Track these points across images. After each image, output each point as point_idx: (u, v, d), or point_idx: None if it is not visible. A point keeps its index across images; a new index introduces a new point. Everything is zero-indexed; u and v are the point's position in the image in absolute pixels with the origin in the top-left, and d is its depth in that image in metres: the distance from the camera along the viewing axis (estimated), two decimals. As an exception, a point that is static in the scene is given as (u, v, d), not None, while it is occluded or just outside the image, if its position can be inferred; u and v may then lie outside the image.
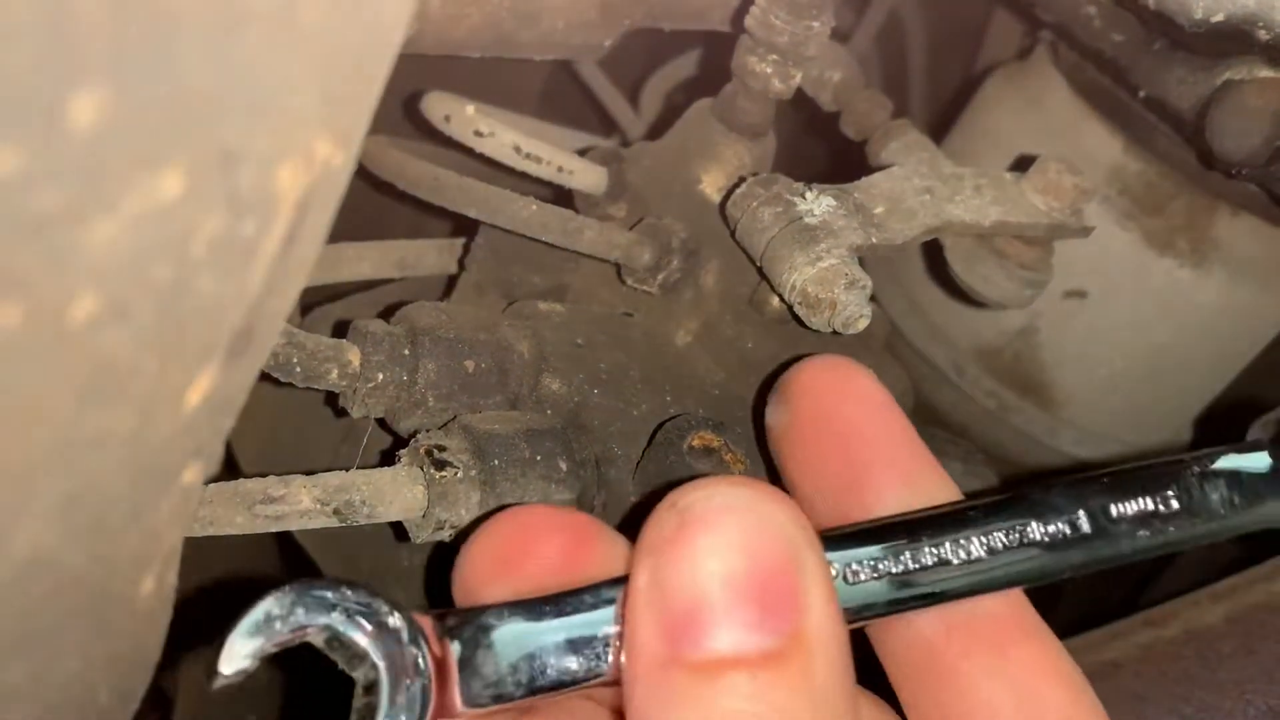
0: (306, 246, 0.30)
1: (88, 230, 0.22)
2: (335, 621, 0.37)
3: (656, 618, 0.36)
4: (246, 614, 0.37)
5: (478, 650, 0.38)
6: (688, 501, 0.37)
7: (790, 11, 0.61)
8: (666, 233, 0.63)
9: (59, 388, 0.24)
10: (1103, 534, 0.43)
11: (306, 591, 0.37)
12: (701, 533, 0.36)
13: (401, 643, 0.37)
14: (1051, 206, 0.66)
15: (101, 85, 0.20)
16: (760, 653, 0.35)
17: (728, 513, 0.36)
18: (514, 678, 0.38)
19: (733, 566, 0.35)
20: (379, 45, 0.28)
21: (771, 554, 0.36)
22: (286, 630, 0.37)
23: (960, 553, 0.42)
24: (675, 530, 0.36)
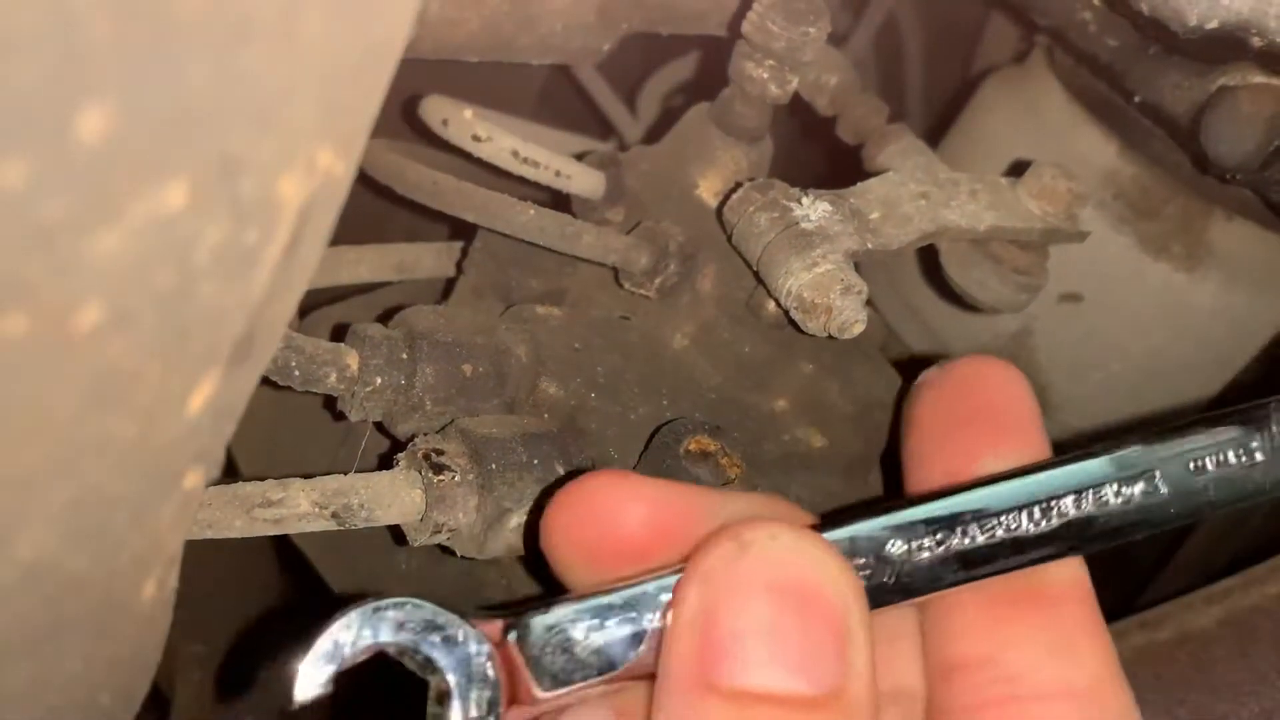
0: (307, 254, 0.30)
1: (93, 240, 0.22)
2: (404, 640, 0.38)
3: (698, 640, 0.36)
4: (317, 641, 0.37)
5: (545, 647, 0.39)
6: (752, 537, 0.37)
7: (787, 17, 0.61)
8: (664, 237, 0.64)
9: (63, 395, 0.24)
10: (1183, 492, 0.42)
11: (373, 613, 0.38)
12: (762, 568, 0.37)
13: (470, 654, 0.38)
14: (1046, 211, 0.66)
15: (108, 99, 0.21)
16: (796, 696, 0.35)
17: (791, 554, 0.37)
18: (580, 669, 0.39)
19: (784, 605, 0.36)
20: (380, 56, 0.28)
21: (825, 602, 0.37)
22: (357, 652, 0.38)
23: (1029, 523, 0.42)
24: (734, 560, 0.37)
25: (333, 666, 0.37)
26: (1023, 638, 0.42)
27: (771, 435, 0.63)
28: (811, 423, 0.65)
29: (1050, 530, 0.42)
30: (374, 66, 0.28)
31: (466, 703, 0.38)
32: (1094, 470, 0.43)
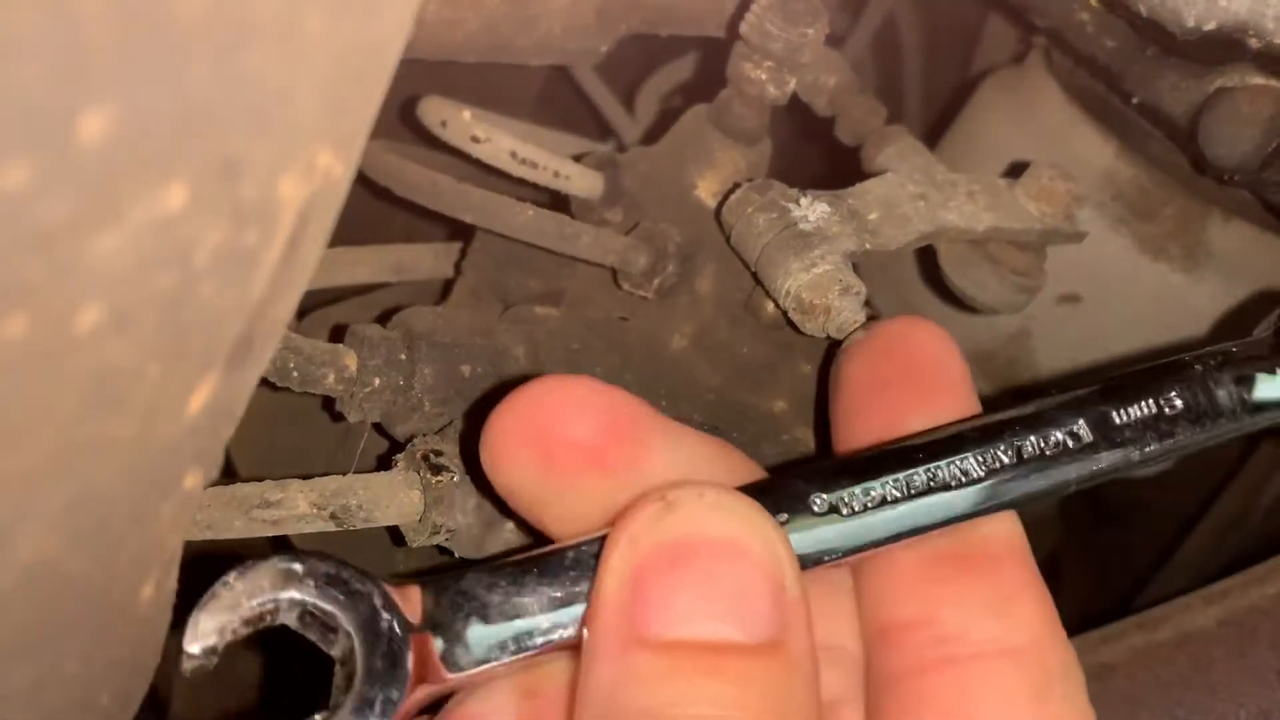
0: (307, 255, 0.30)
1: (93, 242, 0.22)
2: (305, 593, 0.36)
3: (626, 597, 0.36)
4: (211, 591, 0.35)
5: (458, 616, 0.37)
6: (678, 495, 0.37)
7: (785, 18, 0.61)
8: (662, 238, 0.64)
9: (63, 395, 0.24)
10: (1107, 442, 0.42)
11: (271, 564, 0.36)
12: (690, 525, 0.36)
13: (374, 609, 0.36)
14: (1045, 212, 0.66)
15: (110, 101, 0.21)
16: (729, 643, 0.35)
17: (719, 511, 0.37)
18: (497, 643, 0.37)
19: (712, 557, 0.36)
20: (379, 58, 0.29)
21: (757, 558, 0.36)
22: (255, 605, 0.35)
23: (959, 475, 0.41)
24: (660, 518, 0.36)
25: (226, 617, 0.35)
26: (959, 597, 0.41)
27: (770, 436, 0.63)
28: (810, 424, 0.65)
29: (978, 481, 0.41)
30: (373, 67, 0.28)
31: (372, 658, 0.35)
32: (1016, 420, 0.42)
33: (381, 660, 0.36)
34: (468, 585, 0.38)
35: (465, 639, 0.37)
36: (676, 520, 0.36)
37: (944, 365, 0.46)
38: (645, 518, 0.37)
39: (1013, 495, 0.42)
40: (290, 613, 0.36)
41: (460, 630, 0.37)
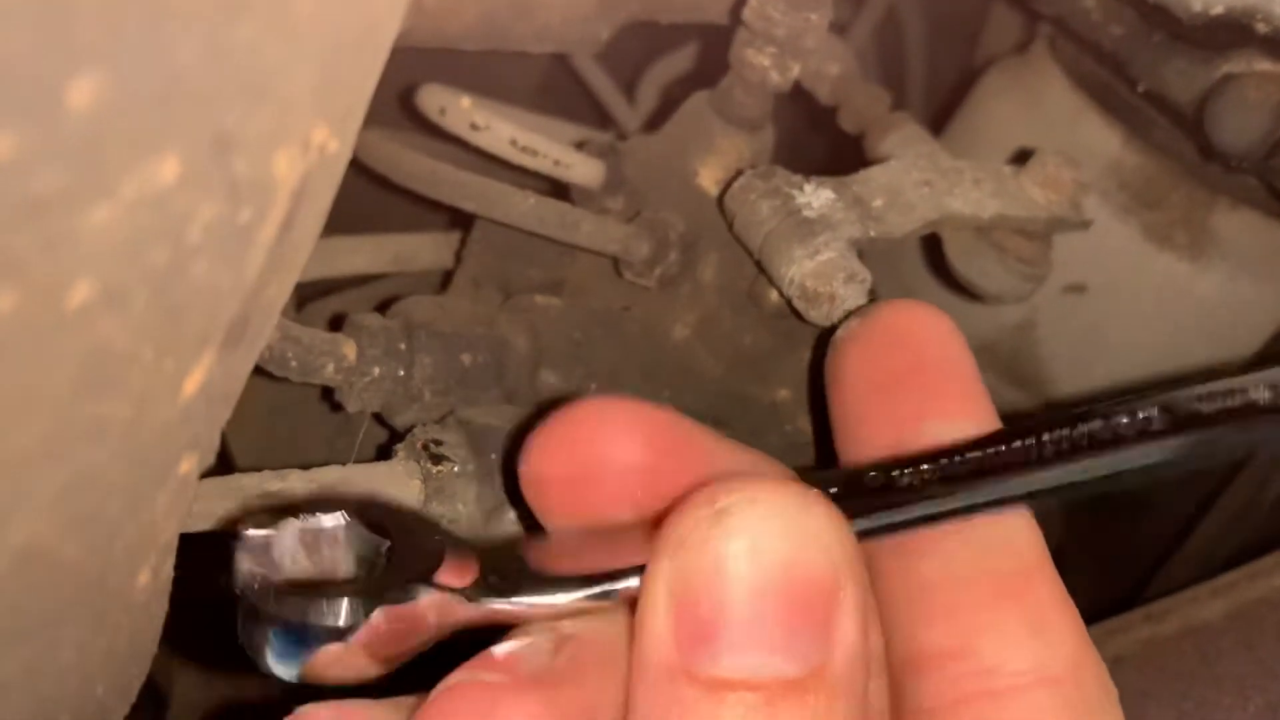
0: (303, 235, 0.30)
1: (84, 215, 0.22)
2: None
3: (672, 621, 0.33)
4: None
5: (502, 559, 0.37)
6: (728, 501, 0.33)
7: (788, 3, 0.60)
8: (664, 226, 0.63)
9: (54, 375, 0.24)
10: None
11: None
12: (737, 537, 0.33)
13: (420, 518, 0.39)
14: (1050, 200, 0.65)
15: (99, 69, 0.20)
16: (778, 680, 0.32)
17: (770, 520, 0.33)
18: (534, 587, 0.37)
19: (766, 580, 0.33)
20: (376, 31, 0.28)
21: (810, 574, 0.33)
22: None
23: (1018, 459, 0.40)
24: (708, 528, 0.33)
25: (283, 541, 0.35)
26: (995, 622, 0.39)
27: (774, 426, 0.62)
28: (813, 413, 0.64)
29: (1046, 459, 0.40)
30: (370, 42, 0.28)
31: (407, 556, 0.36)
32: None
33: (416, 554, 0.36)
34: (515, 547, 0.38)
35: (505, 571, 0.37)
36: (726, 534, 0.33)
37: (950, 357, 0.44)
38: (691, 530, 0.33)
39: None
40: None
41: (503, 568, 0.37)
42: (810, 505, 0.34)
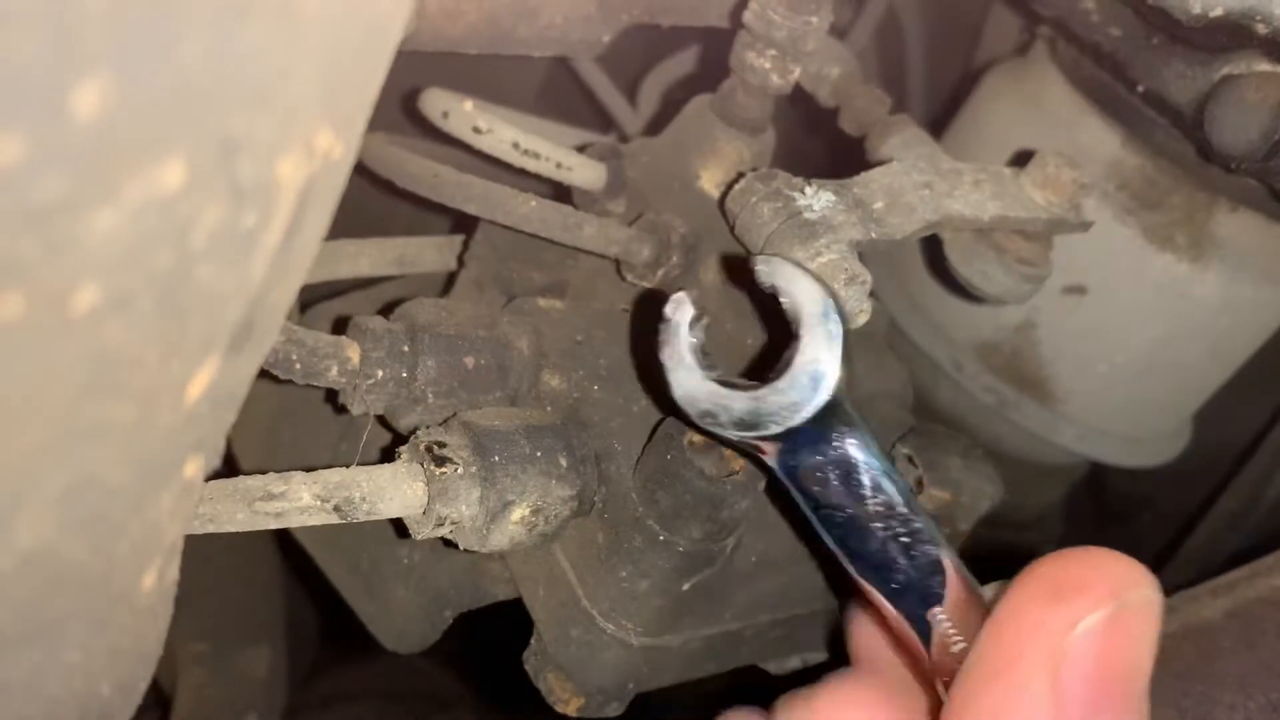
0: (307, 239, 0.30)
1: (90, 220, 0.22)
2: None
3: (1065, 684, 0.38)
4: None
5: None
6: (1131, 598, 0.39)
7: (789, 7, 0.60)
8: (666, 228, 0.63)
9: (60, 378, 0.24)
10: None
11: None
12: (1138, 625, 0.39)
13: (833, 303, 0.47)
14: (1050, 201, 0.66)
15: (104, 75, 0.20)
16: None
17: (1152, 612, 0.39)
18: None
19: (1139, 663, 0.39)
20: (379, 36, 0.28)
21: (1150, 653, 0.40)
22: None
23: None
24: (1113, 616, 0.39)
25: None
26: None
27: (775, 427, 0.62)
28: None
29: None
30: (374, 47, 0.28)
31: (821, 339, 0.46)
32: None
33: (826, 346, 0.46)
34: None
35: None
36: (1126, 623, 0.39)
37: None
38: (1094, 611, 0.39)
39: None
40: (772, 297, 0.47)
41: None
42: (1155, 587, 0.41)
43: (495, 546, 0.52)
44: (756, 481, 0.52)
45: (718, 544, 0.53)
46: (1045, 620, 0.39)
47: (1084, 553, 0.41)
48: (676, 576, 0.53)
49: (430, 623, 0.63)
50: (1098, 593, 0.39)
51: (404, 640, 0.64)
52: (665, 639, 0.55)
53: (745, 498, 0.52)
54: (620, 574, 0.53)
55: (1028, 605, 0.40)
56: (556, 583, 0.56)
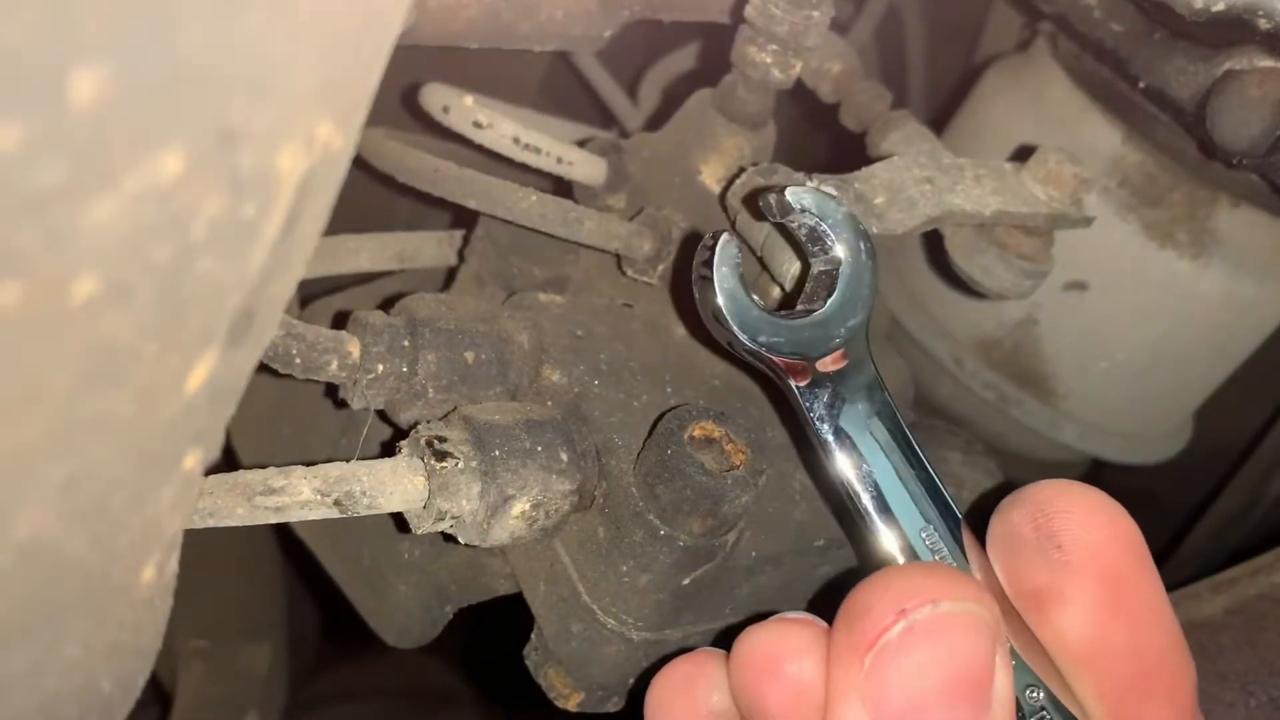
0: (307, 231, 0.30)
1: (88, 208, 0.22)
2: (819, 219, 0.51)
3: (872, 709, 0.38)
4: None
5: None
6: (916, 616, 0.38)
7: (790, 2, 0.60)
8: (666, 223, 0.63)
9: (59, 369, 0.24)
10: None
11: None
12: (925, 644, 0.38)
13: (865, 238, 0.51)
14: (1052, 197, 0.65)
15: (102, 62, 0.20)
16: None
17: (951, 623, 0.39)
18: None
19: (949, 676, 0.38)
20: (379, 27, 0.28)
21: (975, 662, 0.39)
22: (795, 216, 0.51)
23: None
24: (901, 635, 0.38)
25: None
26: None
27: (775, 422, 0.62)
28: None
29: None
30: (373, 37, 0.28)
31: (856, 275, 0.50)
32: None
33: (861, 269, 0.51)
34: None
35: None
36: (915, 641, 0.38)
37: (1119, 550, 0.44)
38: (886, 632, 0.38)
39: None
40: (803, 229, 0.51)
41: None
42: (977, 596, 0.40)
43: (496, 541, 0.52)
44: (756, 477, 0.52)
45: (718, 539, 0.53)
46: (843, 650, 0.39)
47: (880, 574, 0.40)
48: (677, 571, 0.53)
49: (431, 618, 0.63)
50: (879, 614, 0.39)
51: (405, 635, 0.64)
52: (666, 634, 0.55)
53: (745, 493, 0.52)
54: (621, 569, 0.53)
55: (834, 638, 0.40)
56: (557, 577, 0.56)
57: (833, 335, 0.50)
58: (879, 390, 0.51)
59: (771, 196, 0.51)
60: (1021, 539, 0.43)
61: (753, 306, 0.50)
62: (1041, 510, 0.43)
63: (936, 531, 0.48)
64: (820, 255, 0.52)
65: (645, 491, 0.52)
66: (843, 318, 0.51)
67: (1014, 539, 0.43)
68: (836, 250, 0.51)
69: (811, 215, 0.51)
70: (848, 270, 0.51)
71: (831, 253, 0.51)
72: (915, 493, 0.49)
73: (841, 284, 0.51)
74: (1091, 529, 0.42)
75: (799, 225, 0.51)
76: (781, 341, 0.50)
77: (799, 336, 0.50)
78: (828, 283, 0.51)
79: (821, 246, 0.51)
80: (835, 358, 0.50)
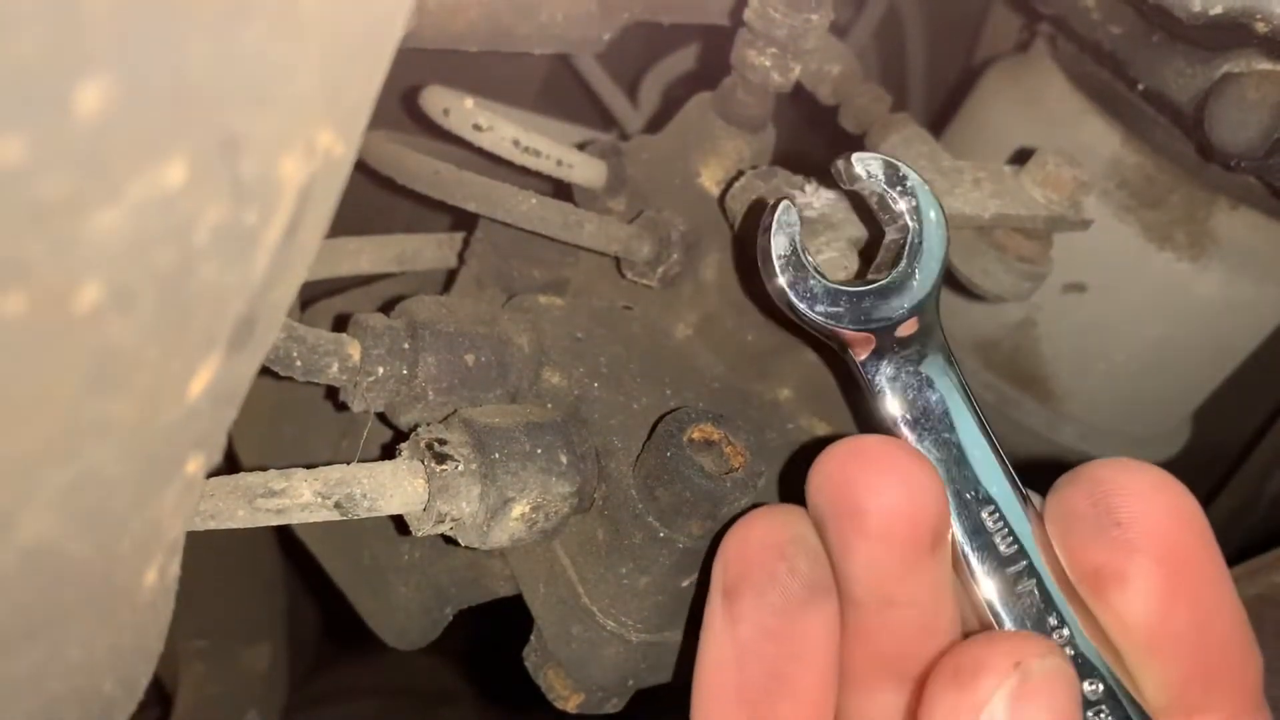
0: (308, 237, 0.30)
1: (92, 218, 0.22)
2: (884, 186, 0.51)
3: None
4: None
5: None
6: (1033, 668, 0.39)
7: (789, 4, 0.61)
8: (666, 226, 0.63)
9: (63, 376, 0.24)
10: None
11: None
12: (1034, 699, 0.39)
13: (932, 206, 0.50)
14: (1050, 199, 0.66)
15: (106, 73, 0.20)
16: None
17: (1058, 676, 0.39)
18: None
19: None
20: (380, 35, 0.28)
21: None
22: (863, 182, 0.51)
23: None
24: (1018, 685, 0.39)
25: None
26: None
27: (775, 424, 0.63)
28: (815, 412, 0.64)
29: None
30: (375, 45, 0.28)
31: (925, 243, 0.50)
32: None
33: (931, 236, 0.50)
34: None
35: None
36: (1030, 692, 0.39)
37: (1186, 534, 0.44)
38: (1000, 684, 0.39)
39: None
40: (874, 196, 0.51)
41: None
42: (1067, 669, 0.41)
43: (495, 543, 0.53)
44: (756, 479, 0.52)
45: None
46: (954, 708, 0.39)
47: (983, 635, 0.41)
48: (676, 573, 0.53)
49: (431, 619, 0.64)
50: (997, 668, 0.39)
51: (404, 637, 0.64)
52: (665, 635, 0.56)
53: (745, 495, 0.52)
54: (620, 570, 0.53)
55: (936, 698, 0.40)
56: (556, 579, 0.56)
57: (902, 303, 0.50)
58: (948, 362, 0.50)
59: (840, 162, 0.51)
60: (1079, 516, 0.42)
61: (816, 276, 0.49)
62: (1099, 487, 0.42)
63: (999, 510, 0.47)
64: (890, 223, 0.51)
65: (645, 494, 0.53)
66: (913, 285, 0.50)
67: (1072, 517, 0.43)
68: (906, 217, 0.51)
69: (880, 182, 0.50)
70: (918, 237, 0.50)
71: (900, 220, 0.51)
72: (978, 470, 0.48)
73: (910, 251, 0.50)
74: (1152, 507, 0.41)
75: (869, 193, 0.51)
76: (844, 312, 0.49)
77: (865, 305, 0.50)
78: (896, 250, 0.51)
79: (891, 214, 0.51)
80: (904, 326, 0.50)
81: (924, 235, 0.50)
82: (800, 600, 0.43)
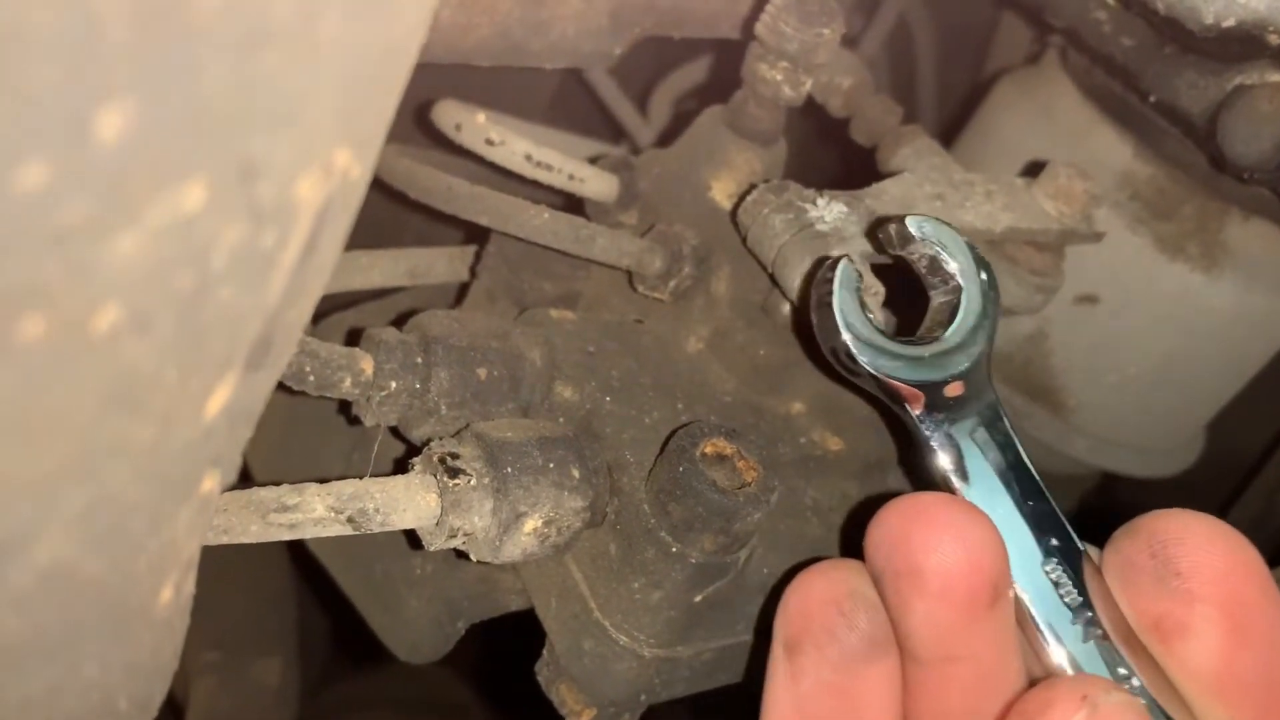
0: (324, 257, 0.30)
1: (111, 242, 0.22)
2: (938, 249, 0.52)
3: None
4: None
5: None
6: (1100, 701, 0.39)
7: (800, 18, 0.61)
8: (678, 240, 0.63)
9: (81, 398, 0.24)
10: None
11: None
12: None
13: (983, 267, 0.52)
14: (1062, 212, 0.66)
15: (127, 100, 0.21)
16: None
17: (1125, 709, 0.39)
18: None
19: None
20: (396, 59, 0.28)
21: None
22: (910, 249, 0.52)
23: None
24: (1087, 718, 0.39)
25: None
26: None
27: (788, 438, 0.63)
28: (828, 426, 0.64)
29: None
30: (391, 68, 0.28)
31: (982, 300, 0.51)
32: None
33: (983, 298, 0.51)
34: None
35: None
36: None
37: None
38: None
39: None
40: (923, 260, 0.52)
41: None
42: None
43: (508, 558, 0.53)
44: (768, 494, 0.52)
45: (730, 556, 0.53)
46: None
47: (1047, 679, 0.42)
48: (689, 588, 0.53)
49: (443, 633, 0.64)
50: (1066, 705, 0.39)
51: (416, 651, 0.64)
52: (677, 650, 0.55)
53: (758, 510, 0.52)
54: (633, 585, 0.53)
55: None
56: (569, 594, 0.56)
57: (954, 364, 0.51)
58: (999, 419, 0.51)
59: (892, 227, 0.52)
60: (1138, 568, 0.43)
61: (876, 334, 0.50)
62: (1156, 538, 0.43)
63: (1060, 564, 0.47)
64: (940, 286, 0.52)
65: (657, 508, 0.53)
66: (964, 347, 0.51)
67: (1131, 568, 0.43)
68: (958, 279, 0.51)
69: (931, 245, 0.51)
70: (969, 300, 0.51)
71: (952, 282, 0.52)
72: (1035, 524, 0.48)
73: (963, 313, 0.51)
74: (1211, 556, 0.42)
75: (919, 256, 0.52)
76: (902, 368, 0.50)
77: (920, 365, 0.50)
78: (948, 312, 0.52)
79: (942, 276, 0.52)
80: (954, 387, 0.51)
81: (979, 298, 0.52)
82: (860, 655, 0.44)
